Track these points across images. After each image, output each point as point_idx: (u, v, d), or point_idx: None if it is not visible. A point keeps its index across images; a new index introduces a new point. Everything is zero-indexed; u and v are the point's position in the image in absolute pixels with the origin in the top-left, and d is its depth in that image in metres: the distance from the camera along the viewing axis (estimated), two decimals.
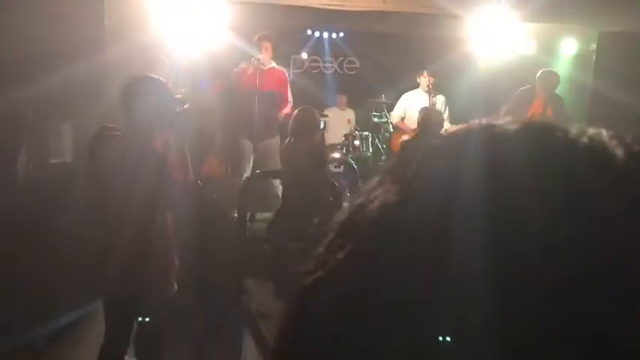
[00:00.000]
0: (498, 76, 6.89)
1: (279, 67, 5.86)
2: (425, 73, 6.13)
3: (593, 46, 5.96)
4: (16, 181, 4.26)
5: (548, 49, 6.91)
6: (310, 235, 3.82)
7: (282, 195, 4.94)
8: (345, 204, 2.12)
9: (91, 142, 2.56)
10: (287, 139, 5.13)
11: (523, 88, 5.94)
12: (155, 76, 2.63)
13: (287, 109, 5.65)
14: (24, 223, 3.65)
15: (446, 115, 6.14)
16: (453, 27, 7.00)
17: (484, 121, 0.41)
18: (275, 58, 5.94)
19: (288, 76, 6.06)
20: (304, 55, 8.43)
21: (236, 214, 4.76)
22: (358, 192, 0.44)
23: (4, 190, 4.02)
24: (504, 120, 0.41)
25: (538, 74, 5.84)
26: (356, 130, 7.30)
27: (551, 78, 5.75)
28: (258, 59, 5.48)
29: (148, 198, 2.39)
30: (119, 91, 2.56)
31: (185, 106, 5.67)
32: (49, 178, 4.41)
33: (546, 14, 5.49)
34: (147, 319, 2.58)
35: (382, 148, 7.20)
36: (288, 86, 5.84)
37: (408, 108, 6.23)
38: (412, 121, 6.01)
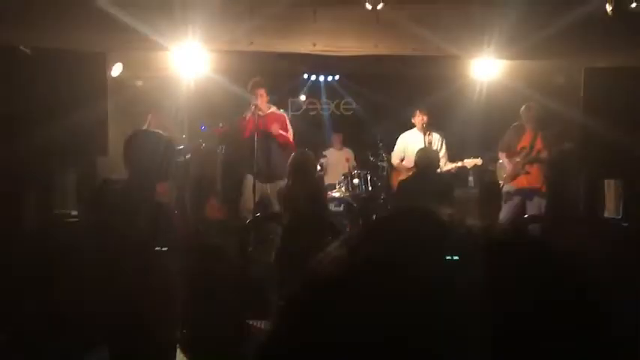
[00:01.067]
0: (492, 112, 7.04)
1: (278, 111, 6.03)
2: (417, 113, 6.29)
3: (580, 81, 6.10)
4: (21, 232, 4.34)
5: (538, 85, 7.06)
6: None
7: (281, 237, 5.02)
8: None
9: (93, 194, 2.67)
10: (286, 182, 5.24)
11: (515, 124, 6.09)
12: (156, 131, 2.76)
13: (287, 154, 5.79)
14: (28, 274, 3.71)
15: (442, 153, 6.26)
16: (445, 66, 7.19)
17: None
18: (272, 101, 6.12)
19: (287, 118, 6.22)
20: (302, 98, 8.63)
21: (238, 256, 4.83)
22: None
23: (10, 242, 4.09)
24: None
25: (521, 109, 5.99)
26: (354, 169, 7.42)
27: (530, 111, 5.88)
28: (256, 106, 5.66)
29: (148, 247, 2.47)
30: (123, 144, 2.68)
31: (186, 157, 5.84)
32: (53, 228, 4.49)
33: (535, 52, 5.65)
34: None
35: (381, 186, 7.29)
36: (289, 128, 5.99)
37: (406, 148, 6.36)
38: (411, 161, 6.13)
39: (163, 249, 2.55)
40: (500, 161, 6.14)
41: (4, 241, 3.76)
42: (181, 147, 5.76)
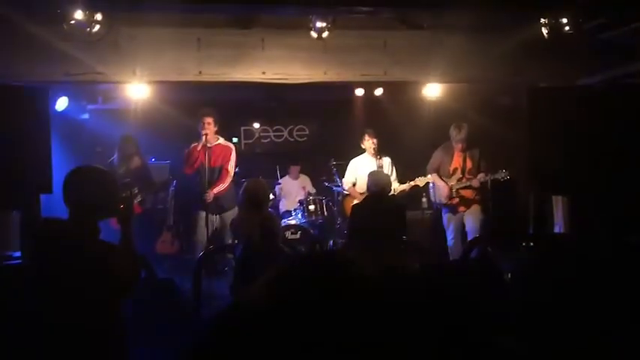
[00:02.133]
0: (439, 133, 7.17)
1: (225, 143, 5.98)
2: (367, 137, 6.34)
3: (524, 101, 6.29)
4: None
5: (482, 106, 7.25)
6: None
7: (234, 269, 4.93)
8: None
9: (34, 237, 2.55)
10: (239, 212, 5.17)
11: (442, 145, 6.20)
12: (95, 165, 2.67)
13: (219, 187, 5.77)
14: None
15: (394, 177, 6.33)
16: (393, 90, 7.32)
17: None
18: (223, 130, 6.08)
19: (237, 149, 6.18)
20: (255, 126, 8.61)
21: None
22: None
23: None
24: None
25: (450, 129, 6.08)
26: (310, 195, 7.40)
27: (461, 131, 5.97)
28: (205, 136, 5.62)
29: (95, 291, 2.37)
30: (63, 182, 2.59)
31: (133, 191, 5.69)
32: None
33: (477, 74, 5.80)
34: None
35: (337, 211, 7.30)
36: (232, 161, 5.93)
37: (357, 173, 6.39)
38: (363, 186, 6.16)
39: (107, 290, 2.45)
40: (431, 183, 6.22)
41: None
42: (127, 179, 5.66)
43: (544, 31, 4.92)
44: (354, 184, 6.45)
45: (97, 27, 4.41)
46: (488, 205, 6.20)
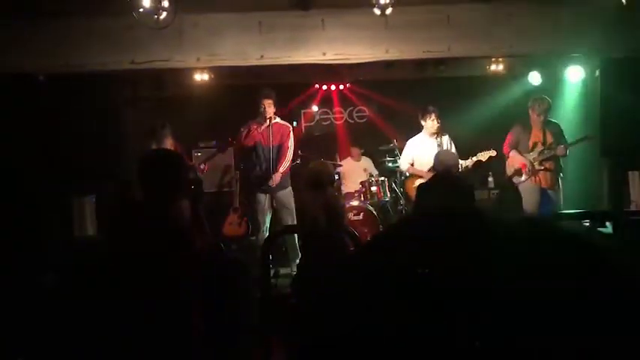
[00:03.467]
0: (509, 109, 6.96)
1: (283, 122, 6.05)
2: (429, 116, 6.17)
3: (597, 73, 6.01)
4: (45, 259, 4.36)
5: (554, 79, 6.98)
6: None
7: (300, 249, 4.97)
8: None
9: (110, 215, 2.65)
10: (303, 193, 5.19)
11: (517, 122, 6.00)
12: (166, 149, 2.74)
13: (283, 165, 5.88)
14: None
15: (454, 152, 6.18)
16: (456, 68, 7.14)
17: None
18: (284, 112, 6.15)
19: (298, 129, 6.24)
20: (314, 108, 8.60)
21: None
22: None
23: (35, 270, 4.11)
24: None
25: (529, 103, 5.87)
26: (371, 176, 7.36)
27: (542, 104, 5.77)
28: (263, 116, 5.69)
29: (167, 269, 2.44)
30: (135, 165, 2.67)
31: (202, 167, 5.83)
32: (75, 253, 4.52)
33: (548, 45, 5.57)
34: None
35: (400, 192, 7.22)
36: (291, 139, 6.00)
37: (415, 153, 6.27)
38: (422, 165, 6.05)
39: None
40: (510, 158, 6.02)
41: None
42: (193, 163, 5.80)
43: None
44: (411, 165, 6.35)
45: (164, 14, 4.50)
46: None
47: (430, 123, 6.17)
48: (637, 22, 5.15)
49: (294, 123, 7.59)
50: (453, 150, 6.24)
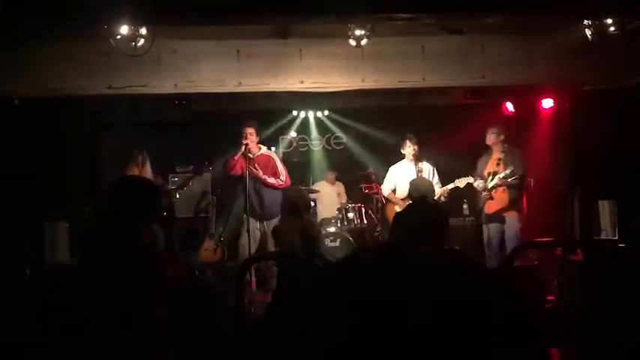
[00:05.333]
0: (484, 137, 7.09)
1: (268, 152, 6.04)
2: (408, 143, 6.28)
3: (567, 104, 6.18)
4: (13, 286, 4.28)
5: (528, 108, 7.14)
6: None
7: (277, 275, 4.96)
8: None
9: (81, 242, 2.63)
10: (279, 220, 5.21)
11: (486, 150, 6.13)
12: (137, 176, 2.75)
13: (273, 182, 5.83)
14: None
15: (435, 180, 6.25)
16: (431, 97, 7.28)
17: None
18: (263, 140, 6.14)
19: (278, 155, 6.22)
20: (292, 134, 8.66)
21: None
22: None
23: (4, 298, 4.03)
24: None
25: (488, 133, 5.99)
26: (348, 202, 7.40)
27: (500, 135, 5.90)
28: (246, 146, 5.64)
29: (138, 294, 2.43)
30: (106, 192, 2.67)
31: (177, 196, 5.79)
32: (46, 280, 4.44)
33: (520, 76, 5.71)
34: None
35: (377, 218, 7.26)
36: (279, 167, 5.96)
37: (397, 179, 6.35)
38: (402, 192, 6.11)
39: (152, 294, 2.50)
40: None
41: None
42: (168, 187, 5.76)
43: (587, 32, 4.81)
44: (393, 191, 6.41)
45: (141, 41, 4.53)
46: (529, 211, 6.06)
47: (409, 150, 6.28)
48: (606, 55, 5.31)
49: (273, 149, 7.62)
50: (435, 176, 6.32)
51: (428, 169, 6.30)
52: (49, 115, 5.45)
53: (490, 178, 5.90)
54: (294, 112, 8.33)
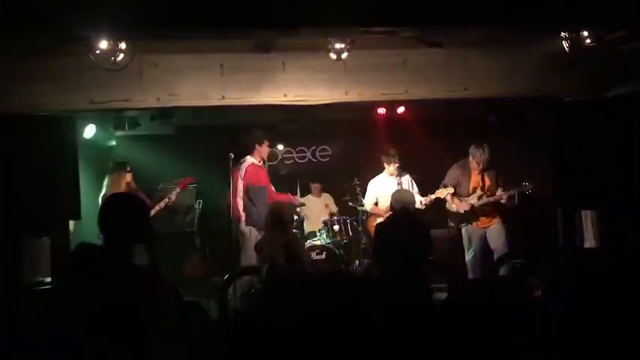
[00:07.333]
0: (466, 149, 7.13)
1: (259, 164, 6.20)
2: (391, 156, 6.33)
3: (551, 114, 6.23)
4: None
5: (510, 119, 7.20)
6: None
7: (260, 291, 4.92)
8: None
9: (68, 262, 2.60)
10: (264, 233, 5.18)
11: (459, 162, 6.17)
12: (127, 193, 2.73)
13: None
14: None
15: (416, 191, 6.30)
16: (414, 109, 7.32)
17: None
18: (247, 154, 6.18)
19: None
20: (279, 147, 8.65)
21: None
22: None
23: None
24: None
25: (470, 149, 6.05)
26: (334, 215, 7.39)
27: (483, 154, 5.96)
28: (262, 158, 5.98)
29: (129, 315, 2.40)
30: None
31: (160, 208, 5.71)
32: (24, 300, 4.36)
33: (501, 88, 5.76)
34: None
35: (361, 231, 7.26)
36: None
37: (378, 192, 6.39)
38: (384, 204, 6.15)
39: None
40: (448, 202, 6.17)
41: None
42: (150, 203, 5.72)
43: (564, 44, 4.87)
44: (375, 204, 6.44)
45: (121, 56, 4.51)
46: (512, 220, 6.12)
47: (390, 168, 6.34)
48: (587, 66, 5.38)
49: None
50: (415, 188, 6.37)
51: (407, 181, 6.37)
52: (29, 130, 5.38)
53: (478, 193, 5.95)
54: (279, 125, 8.32)
